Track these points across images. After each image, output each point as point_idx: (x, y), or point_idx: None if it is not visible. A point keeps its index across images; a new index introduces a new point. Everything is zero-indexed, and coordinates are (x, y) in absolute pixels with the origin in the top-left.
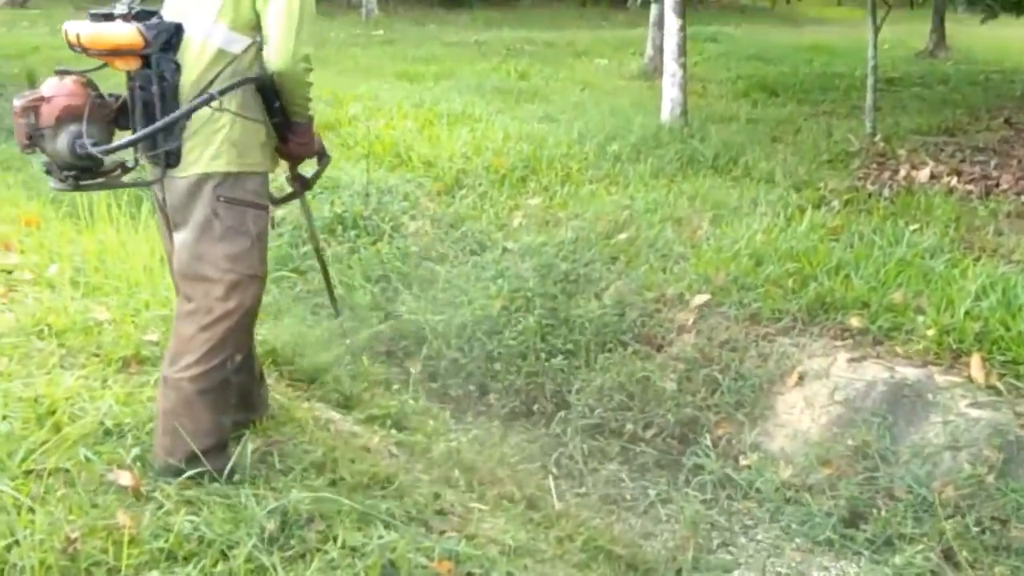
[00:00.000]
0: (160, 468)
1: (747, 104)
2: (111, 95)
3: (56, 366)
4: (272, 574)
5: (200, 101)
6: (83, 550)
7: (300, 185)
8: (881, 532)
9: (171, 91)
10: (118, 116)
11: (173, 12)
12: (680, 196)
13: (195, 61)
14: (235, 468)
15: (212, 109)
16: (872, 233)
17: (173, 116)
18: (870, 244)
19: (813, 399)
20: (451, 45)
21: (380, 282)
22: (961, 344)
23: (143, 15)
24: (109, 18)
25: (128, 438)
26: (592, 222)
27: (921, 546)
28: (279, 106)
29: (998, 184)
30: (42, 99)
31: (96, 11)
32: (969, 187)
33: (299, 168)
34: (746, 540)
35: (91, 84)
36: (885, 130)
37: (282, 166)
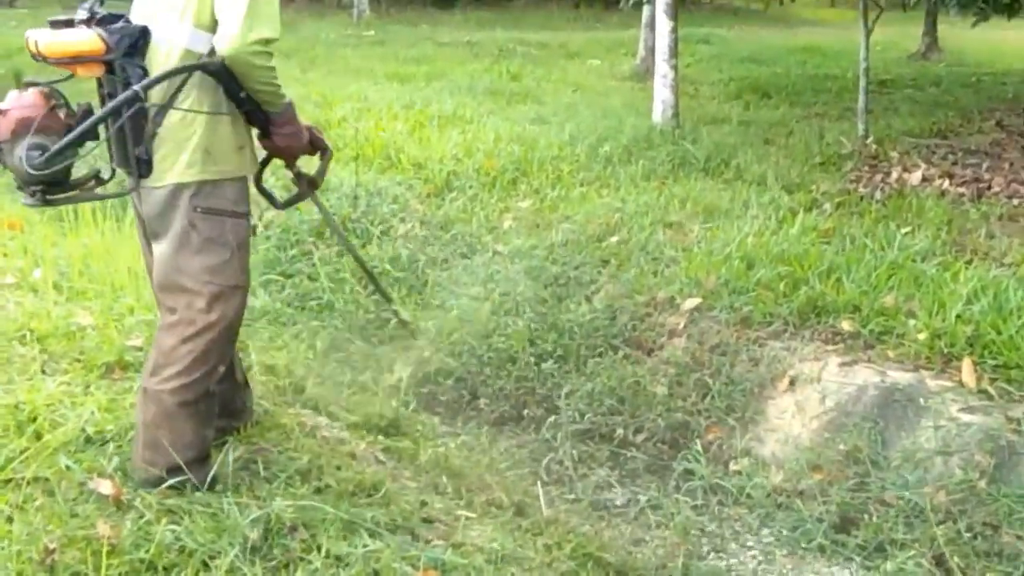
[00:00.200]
0: (140, 480)
1: (739, 106)
2: (83, 104)
3: (38, 372)
4: None
5: (123, 99)
6: (61, 561)
7: (307, 185)
8: (872, 538)
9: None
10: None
11: (140, 15)
12: (671, 199)
13: (163, 64)
14: (217, 477)
15: (185, 112)
16: (864, 236)
17: (92, 120)
18: (861, 247)
19: (804, 404)
20: (443, 46)
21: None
22: (952, 348)
23: (107, 19)
24: (69, 24)
25: (110, 446)
26: (583, 225)
27: (912, 552)
28: (246, 96)
29: (990, 187)
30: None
31: (55, 18)
32: (961, 190)
33: (301, 166)
34: (737, 546)
35: (54, 95)
36: (877, 132)
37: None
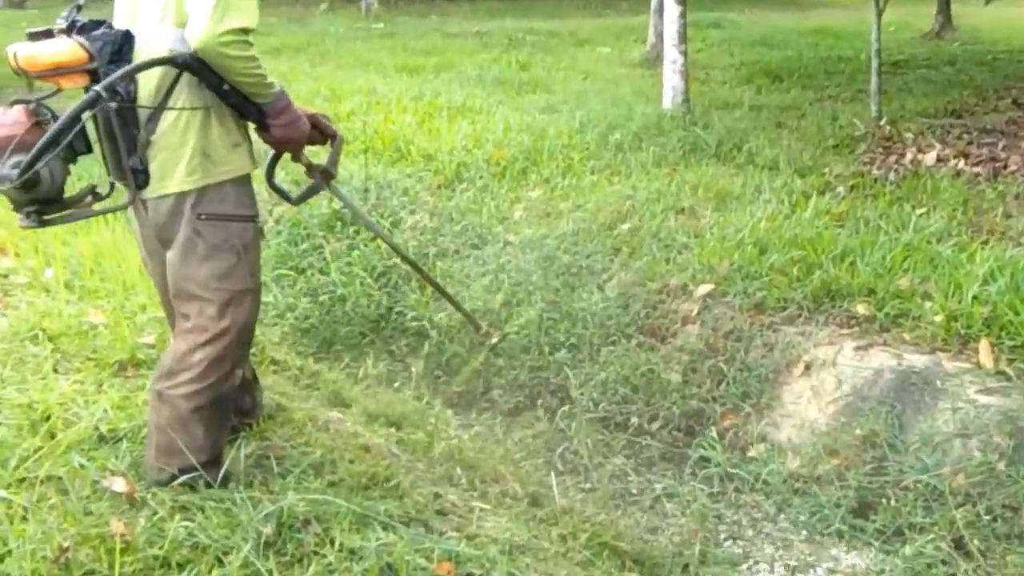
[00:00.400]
0: (152, 480)
1: (751, 90)
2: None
3: (51, 371)
4: None
5: (83, 102)
6: (75, 559)
7: (321, 176)
8: (891, 522)
9: (129, 104)
10: (73, 140)
11: (122, 20)
12: (683, 185)
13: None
14: (230, 473)
15: (176, 117)
16: (878, 218)
17: (55, 127)
18: (876, 230)
19: (820, 388)
20: (452, 36)
21: (380, 278)
22: (969, 329)
23: (88, 27)
24: (48, 35)
25: (123, 443)
26: (594, 213)
27: (931, 535)
28: (229, 88)
29: (1006, 166)
30: None
31: (34, 29)
32: (977, 169)
33: (311, 157)
34: (754, 533)
35: (40, 111)
36: (891, 113)
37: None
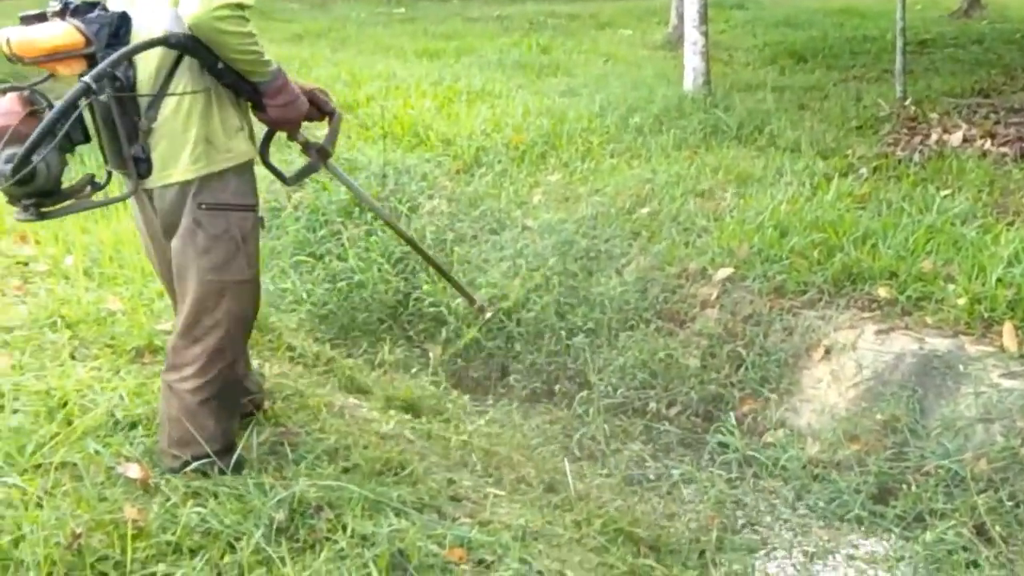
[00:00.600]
0: (166, 468)
1: (774, 71)
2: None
3: (68, 358)
4: (279, 566)
5: (74, 92)
6: (88, 544)
7: (317, 155)
8: (911, 508)
9: (128, 90)
10: (70, 130)
11: (118, 2)
12: (703, 168)
13: (148, 52)
14: (243, 460)
15: (177, 103)
16: (901, 200)
17: (48, 119)
18: (899, 211)
19: (840, 373)
20: (473, 21)
21: (398, 264)
22: (993, 312)
23: (82, 9)
24: (42, 18)
25: (139, 429)
26: (613, 197)
27: (953, 522)
28: (224, 67)
29: None
30: None
31: (26, 13)
32: (1003, 149)
33: (308, 135)
34: (772, 519)
35: (35, 99)
36: (916, 94)
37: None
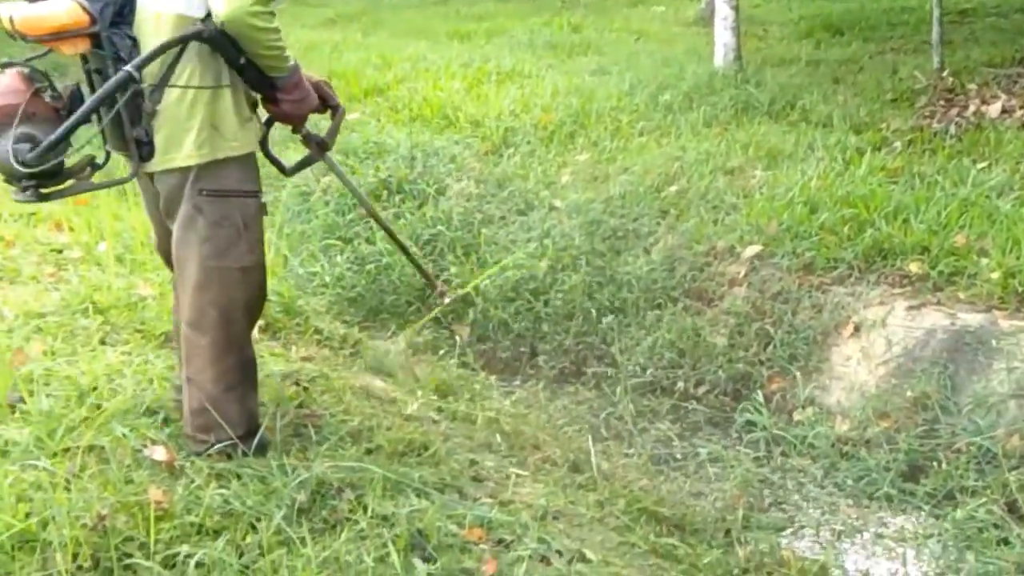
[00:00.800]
0: (191, 451)
1: (809, 45)
2: (69, 85)
3: (99, 343)
4: (300, 546)
5: (115, 82)
6: (113, 526)
7: (317, 147)
8: (942, 485)
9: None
10: (72, 109)
11: None
12: (733, 144)
13: (154, 32)
14: (267, 442)
15: (183, 88)
16: (935, 174)
17: (85, 107)
18: (932, 185)
19: (870, 350)
20: (505, 1)
21: (426, 246)
22: None
23: None
24: None
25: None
26: (641, 176)
27: (984, 499)
28: (246, 62)
29: None
30: None
31: None
32: None
33: (311, 126)
34: (800, 497)
35: (36, 77)
36: (955, 64)
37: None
